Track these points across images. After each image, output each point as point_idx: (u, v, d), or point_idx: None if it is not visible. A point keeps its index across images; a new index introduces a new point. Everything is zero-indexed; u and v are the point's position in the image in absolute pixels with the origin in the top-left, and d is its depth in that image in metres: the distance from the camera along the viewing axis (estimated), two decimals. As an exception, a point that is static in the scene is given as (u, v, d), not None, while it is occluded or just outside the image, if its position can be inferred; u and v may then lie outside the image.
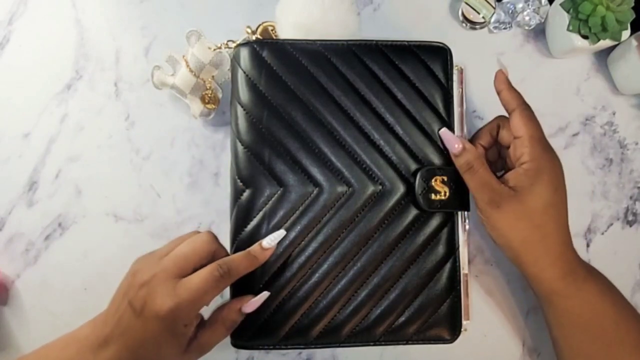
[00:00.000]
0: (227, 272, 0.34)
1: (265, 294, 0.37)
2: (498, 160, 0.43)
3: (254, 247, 0.37)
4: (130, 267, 0.36)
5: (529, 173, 0.37)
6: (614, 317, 0.38)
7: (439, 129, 0.40)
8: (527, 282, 0.41)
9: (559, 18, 0.48)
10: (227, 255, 0.37)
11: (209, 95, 0.46)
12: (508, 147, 0.40)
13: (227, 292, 0.45)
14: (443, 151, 0.40)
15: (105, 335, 0.33)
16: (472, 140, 0.42)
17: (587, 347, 0.38)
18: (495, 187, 0.37)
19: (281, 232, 0.38)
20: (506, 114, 0.40)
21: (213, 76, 0.46)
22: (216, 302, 0.36)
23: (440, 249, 0.40)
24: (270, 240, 0.37)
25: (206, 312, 0.36)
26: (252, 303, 0.37)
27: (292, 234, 0.39)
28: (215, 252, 0.36)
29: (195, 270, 0.34)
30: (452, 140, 0.39)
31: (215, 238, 0.37)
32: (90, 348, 0.33)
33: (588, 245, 0.49)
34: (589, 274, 0.39)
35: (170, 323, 0.33)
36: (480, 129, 0.42)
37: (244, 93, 0.39)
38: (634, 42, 0.47)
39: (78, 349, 0.34)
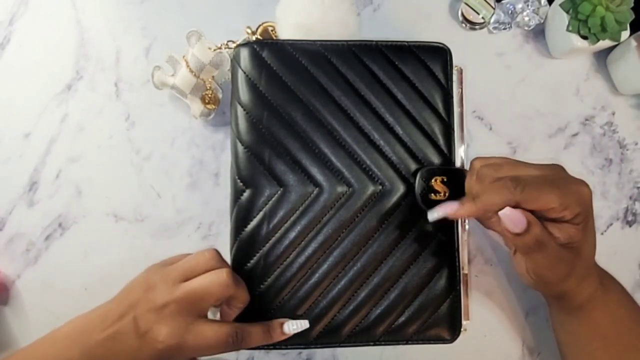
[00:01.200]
0: (240, 341, 0.34)
1: None
2: None
3: (275, 328, 0.36)
4: (142, 276, 0.35)
5: (580, 229, 0.33)
6: (629, 323, 0.38)
7: (501, 210, 0.32)
8: (550, 297, 0.39)
9: (559, 18, 0.48)
10: (244, 296, 0.36)
11: (209, 95, 0.46)
12: None
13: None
14: (443, 151, 0.40)
15: (97, 337, 0.33)
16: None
17: (601, 355, 0.38)
18: (565, 258, 0.34)
19: (305, 323, 0.37)
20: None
21: (213, 76, 0.46)
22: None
23: (441, 249, 0.40)
24: (293, 328, 0.37)
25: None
26: None
27: (292, 234, 0.39)
28: (232, 296, 0.35)
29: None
30: (518, 218, 0.32)
31: (237, 280, 0.36)
32: (80, 344, 0.33)
33: (588, 245, 0.49)
34: (609, 281, 0.38)
35: (164, 358, 0.32)
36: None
37: (244, 93, 0.39)
38: (634, 43, 0.47)
39: (67, 344, 0.33)
